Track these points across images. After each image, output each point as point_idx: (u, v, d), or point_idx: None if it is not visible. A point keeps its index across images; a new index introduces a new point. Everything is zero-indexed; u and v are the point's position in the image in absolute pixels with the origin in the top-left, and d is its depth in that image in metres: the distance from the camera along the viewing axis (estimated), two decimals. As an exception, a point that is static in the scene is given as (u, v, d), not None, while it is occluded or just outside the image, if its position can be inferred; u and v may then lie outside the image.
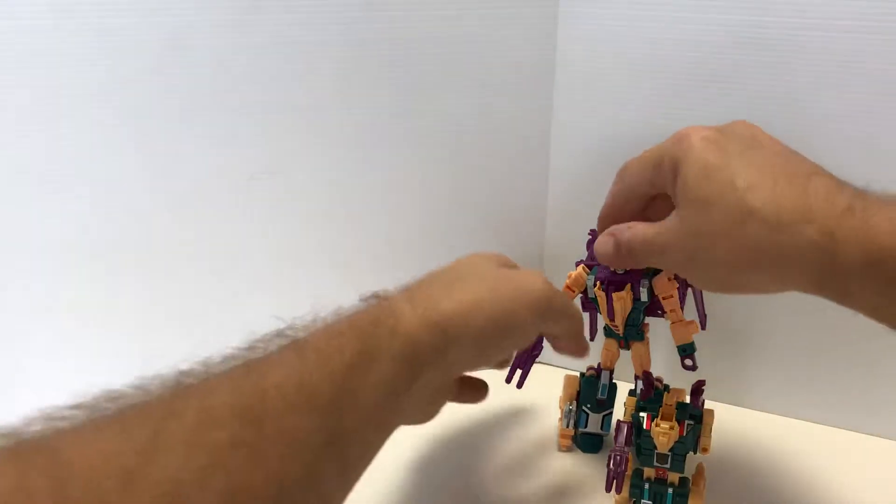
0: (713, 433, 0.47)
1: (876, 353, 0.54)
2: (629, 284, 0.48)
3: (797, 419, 0.59)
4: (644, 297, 0.48)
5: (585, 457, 0.55)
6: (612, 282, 0.48)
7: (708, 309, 0.50)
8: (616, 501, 0.49)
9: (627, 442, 0.47)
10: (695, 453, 0.47)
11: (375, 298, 0.39)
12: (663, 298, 0.47)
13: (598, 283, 0.48)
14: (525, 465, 0.55)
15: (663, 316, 0.49)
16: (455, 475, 0.53)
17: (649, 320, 0.51)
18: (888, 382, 0.55)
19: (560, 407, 0.55)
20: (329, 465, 0.32)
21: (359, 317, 0.37)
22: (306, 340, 0.34)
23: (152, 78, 0.52)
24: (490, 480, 0.53)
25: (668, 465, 0.47)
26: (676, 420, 0.46)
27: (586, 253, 0.51)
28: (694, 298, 0.50)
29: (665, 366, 0.54)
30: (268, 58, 0.53)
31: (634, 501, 0.48)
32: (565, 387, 0.55)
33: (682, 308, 0.48)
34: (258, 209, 0.57)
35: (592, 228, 0.50)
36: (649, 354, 0.52)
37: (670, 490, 0.47)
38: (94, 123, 0.52)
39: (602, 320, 0.51)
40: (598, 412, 0.55)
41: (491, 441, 0.56)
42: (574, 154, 0.58)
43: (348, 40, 0.53)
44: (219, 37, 0.52)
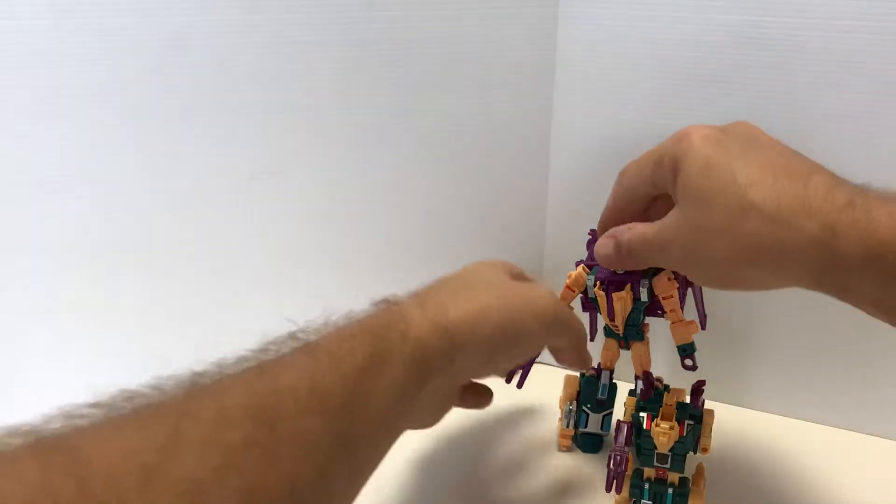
0: (713, 433, 0.47)
1: (876, 353, 0.54)
2: (629, 284, 0.48)
3: (797, 419, 0.59)
4: (644, 297, 0.48)
5: (585, 457, 0.55)
6: (612, 282, 0.48)
7: (708, 309, 0.50)
8: (616, 501, 0.49)
9: (627, 442, 0.47)
10: (695, 453, 0.47)
11: (386, 303, 0.39)
12: (663, 298, 0.47)
13: (598, 283, 0.48)
14: (525, 465, 0.55)
15: (663, 316, 0.49)
16: (455, 475, 0.53)
17: (649, 320, 0.51)
18: (888, 382, 0.55)
19: (560, 407, 0.55)
20: (340, 468, 0.32)
21: (370, 321, 0.37)
22: (318, 343, 0.34)
23: (152, 78, 0.52)
24: (490, 480, 0.53)
25: (668, 465, 0.47)
26: (676, 420, 0.46)
27: (586, 253, 0.51)
28: (694, 298, 0.50)
29: (665, 366, 0.54)
30: (268, 58, 0.53)
31: (634, 501, 0.48)
32: (565, 387, 0.55)
33: (682, 308, 0.48)
34: (258, 209, 0.57)
35: (592, 228, 0.50)
36: (649, 354, 0.52)
37: (670, 490, 0.47)
38: (94, 123, 0.52)
39: (602, 320, 0.51)
40: (598, 412, 0.55)
41: (491, 441, 0.56)
42: (574, 154, 0.58)
43: (348, 40, 0.53)
44: (219, 37, 0.52)
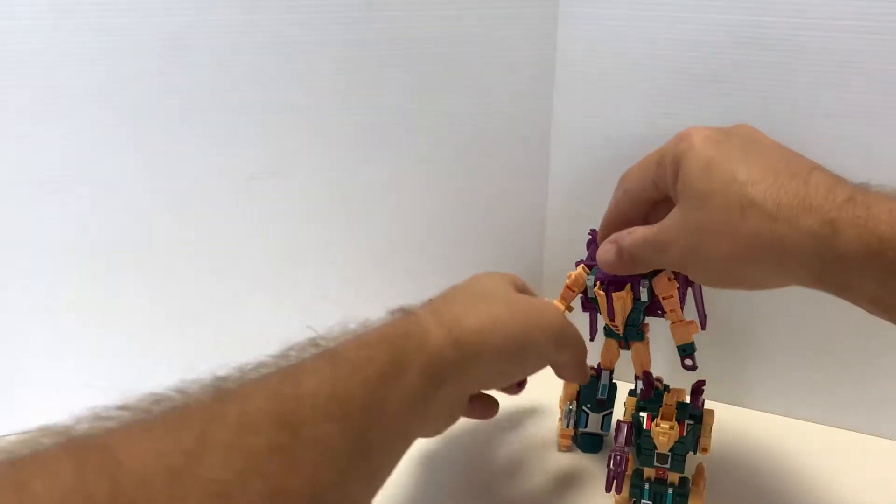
0: (713, 433, 0.47)
1: (876, 353, 0.54)
2: (629, 284, 0.48)
3: (797, 419, 0.59)
4: (644, 297, 0.48)
5: (585, 457, 0.55)
6: (612, 282, 0.48)
7: (708, 309, 0.50)
8: (616, 501, 0.49)
9: (627, 442, 0.47)
10: (695, 453, 0.47)
11: (402, 312, 0.40)
12: (663, 298, 0.47)
13: (598, 283, 0.49)
14: (525, 465, 0.55)
15: (663, 316, 0.49)
16: (455, 474, 0.53)
17: (649, 320, 0.51)
18: (888, 382, 0.55)
19: (560, 407, 0.55)
20: (357, 473, 0.32)
21: (387, 329, 0.37)
22: (338, 350, 0.35)
23: (152, 78, 0.52)
24: (490, 480, 0.53)
25: (668, 465, 0.47)
26: (676, 420, 0.45)
27: (586, 253, 0.51)
28: (694, 298, 0.50)
29: (665, 366, 0.54)
30: (268, 58, 0.53)
31: (634, 501, 0.48)
32: (565, 387, 0.55)
33: (682, 308, 0.48)
34: (258, 209, 0.57)
35: (592, 228, 0.50)
36: (649, 354, 0.52)
37: (670, 490, 0.47)
38: (94, 123, 0.52)
39: (602, 320, 0.51)
40: (598, 412, 0.55)
41: (491, 441, 0.56)
42: (574, 154, 0.58)
43: (348, 40, 0.53)
44: (219, 37, 0.52)
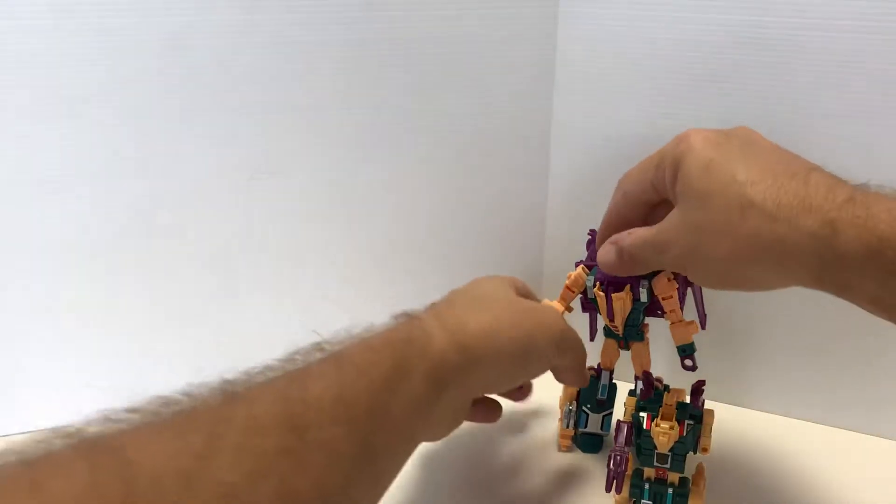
0: (713, 433, 0.47)
1: (876, 353, 0.54)
2: (628, 285, 0.48)
3: (797, 419, 0.59)
4: (643, 298, 0.48)
5: (585, 457, 0.55)
6: (612, 282, 0.48)
7: (708, 309, 0.50)
8: (616, 501, 0.49)
9: (627, 442, 0.47)
10: (695, 453, 0.47)
11: (406, 317, 0.40)
12: (663, 299, 0.47)
13: (598, 284, 0.49)
14: (525, 465, 0.55)
15: (663, 316, 0.49)
16: (455, 475, 0.53)
17: (649, 320, 0.51)
18: (888, 382, 0.55)
19: (560, 407, 0.55)
20: (363, 477, 0.33)
21: (392, 334, 0.38)
22: (343, 354, 0.35)
23: (152, 78, 0.52)
24: (490, 480, 0.53)
25: (668, 465, 0.47)
26: (676, 420, 0.45)
27: (586, 253, 0.51)
28: (694, 298, 0.50)
29: (665, 366, 0.54)
30: (268, 58, 0.53)
31: (634, 501, 0.48)
32: (565, 387, 0.55)
33: (682, 308, 0.48)
34: (258, 209, 0.57)
35: (592, 229, 0.50)
36: (649, 355, 0.52)
37: (670, 490, 0.47)
38: (94, 123, 0.52)
39: (602, 321, 0.51)
40: (598, 412, 0.55)
41: (491, 441, 0.56)
42: (574, 154, 0.58)
43: (348, 40, 0.53)
44: (219, 37, 0.52)
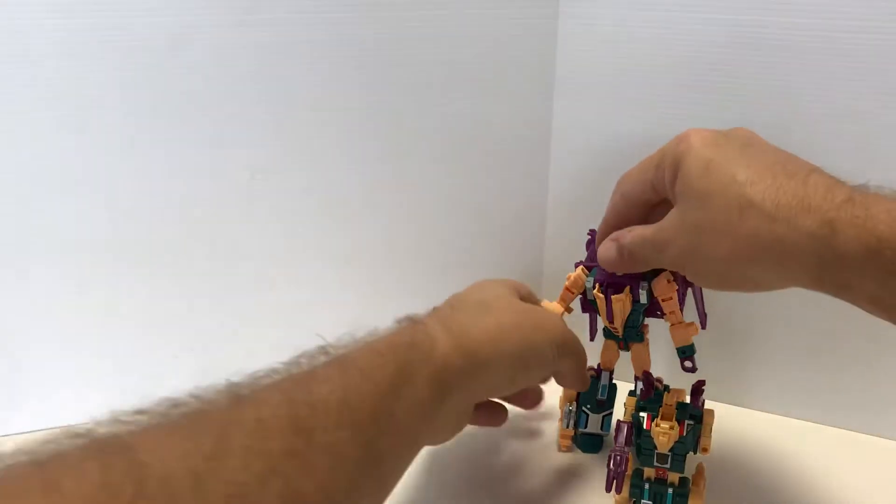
0: (713, 433, 0.47)
1: (876, 353, 0.54)
2: (628, 287, 0.48)
3: (797, 419, 0.59)
4: (643, 300, 0.48)
5: (585, 457, 0.55)
6: (612, 284, 0.48)
7: (708, 309, 0.50)
8: (616, 501, 0.49)
9: (627, 442, 0.47)
10: (695, 453, 0.47)
11: (410, 321, 0.40)
12: (663, 300, 0.47)
13: (598, 286, 0.48)
14: (525, 465, 0.55)
15: (663, 317, 0.49)
16: (455, 475, 0.53)
17: (649, 321, 0.51)
18: (888, 382, 0.55)
19: (560, 407, 0.55)
20: (368, 480, 0.33)
21: (395, 338, 0.38)
22: (347, 358, 0.35)
23: (152, 78, 0.52)
24: (490, 480, 0.53)
25: (668, 465, 0.46)
26: (676, 420, 0.45)
27: (586, 253, 0.51)
28: (694, 297, 0.50)
29: (665, 366, 0.54)
30: (268, 58, 0.53)
31: (634, 501, 0.48)
32: (565, 388, 0.55)
33: (682, 309, 0.48)
34: (258, 209, 0.57)
35: (592, 229, 0.50)
36: (649, 355, 0.52)
37: (670, 490, 0.47)
38: (95, 123, 0.52)
39: (601, 321, 0.51)
40: (598, 412, 0.55)
41: (491, 441, 0.56)
42: (574, 154, 0.58)
43: (348, 40, 0.53)
44: (219, 37, 0.52)
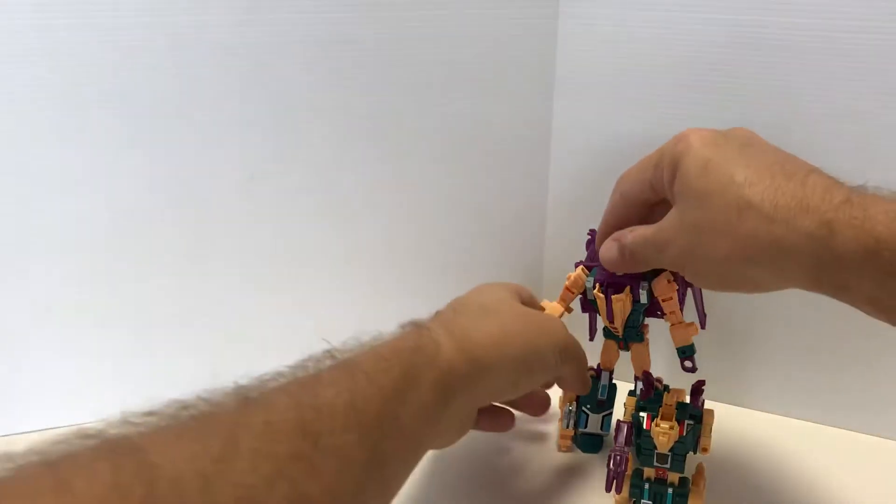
0: (713, 433, 0.47)
1: (875, 353, 0.54)
2: (628, 287, 0.48)
3: (797, 419, 0.59)
4: (643, 300, 0.48)
5: (585, 457, 0.55)
6: (612, 284, 0.48)
7: (708, 309, 0.50)
8: (616, 501, 0.49)
9: (627, 442, 0.47)
10: (695, 453, 0.47)
11: (414, 326, 0.40)
12: (663, 301, 0.47)
13: (598, 286, 0.48)
14: (525, 465, 0.55)
15: (663, 317, 0.49)
16: (455, 475, 0.53)
17: (649, 321, 0.51)
18: (888, 382, 0.55)
19: (560, 407, 0.55)
20: (373, 484, 0.33)
21: (400, 343, 0.38)
22: (353, 362, 0.35)
23: (152, 78, 0.52)
24: (490, 480, 0.53)
25: (668, 465, 0.47)
26: (676, 420, 0.45)
27: (586, 253, 0.51)
28: (693, 297, 0.50)
29: (665, 366, 0.54)
30: (268, 58, 0.53)
31: (634, 501, 0.48)
32: (565, 387, 0.55)
33: (682, 309, 0.48)
34: (258, 209, 0.57)
35: (592, 229, 0.50)
36: (649, 355, 0.52)
37: (670, 490, 0.47)
38: (95, 123, 0.52)
39: (602, 321, 0.51)
40: (598, 412, 0.55)
41: (491, 441, 0.56)
42: (574, 154, 0.58)
43: (348, 40, 0.53)
44: (219, 37, 0.52)
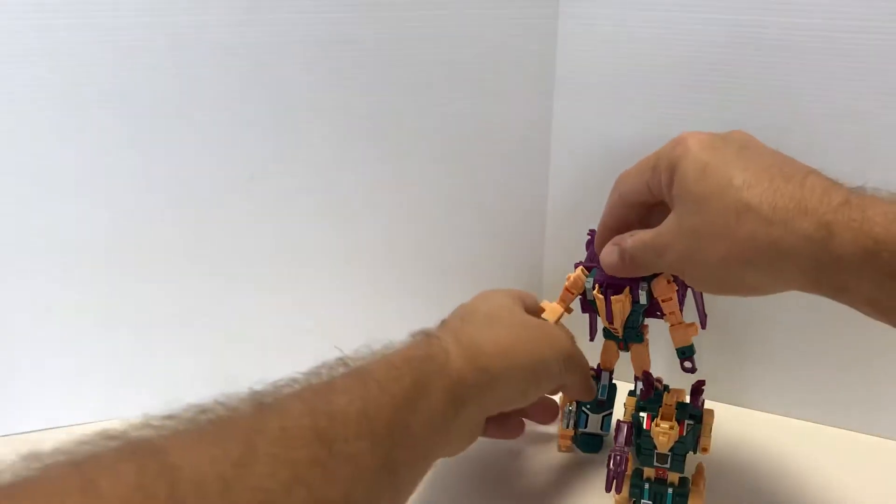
0: (713, 433, 0.47)
1: (875, 354, 0.54)
2: (628, 287, 0.48)
3: (797, 419, 0.59)
4: (643, 300, 0.48)
5: (585, 457, 0.55)
6: (611, 284, 0.48)
7: (708, 309, 0.50)
8: (616, 501, 0.49)
9: (627, 442, 0.47)
10: (695, 453, 0.47)
11: (424, 335, 0.41)
12: (662, 301, 0.47)
13: (597, 286, 0.48)
14: (525, 465, 0.55)
15: (663, 318, 0.49)
16: (455, 475, 0.53)
17: (649, 321, 0.51)
18: (888, 382, 0.55)
19: (560, 408, 0.55)
20: (386, 491, 0.33)
21: (411, 352, 0.38)
22: (366, 369, 0.36)
23: (152, 78, 0.52)
24: (490, 480, 0.53)
25: (668, 465, 0.46)
26: (676, 420, 0.45)
27: (585, 254, 0.51)
28: (693, 297, 0.50)
29: (665, 366, 0.54)
30: (268, 57, 0.53)
31: (634, 501, 0.48)
32: (565, 387, 0.55)
33: (682, 310, 0.48)
34: (258, 209, 0.57)
35: (592, 229, 0.50)
36: (649, 356, 0.52)
37: (670, 490, 0.47)
38: (95, 124, 0.52)
39: (601, 322, 0.51)
40: (598, 412, 0.54)
41: (491, 441, 0.56)
42: (574, 154, 0.58)
43: (348, 40, 0.53)
44: (219, 37, 0.52)
